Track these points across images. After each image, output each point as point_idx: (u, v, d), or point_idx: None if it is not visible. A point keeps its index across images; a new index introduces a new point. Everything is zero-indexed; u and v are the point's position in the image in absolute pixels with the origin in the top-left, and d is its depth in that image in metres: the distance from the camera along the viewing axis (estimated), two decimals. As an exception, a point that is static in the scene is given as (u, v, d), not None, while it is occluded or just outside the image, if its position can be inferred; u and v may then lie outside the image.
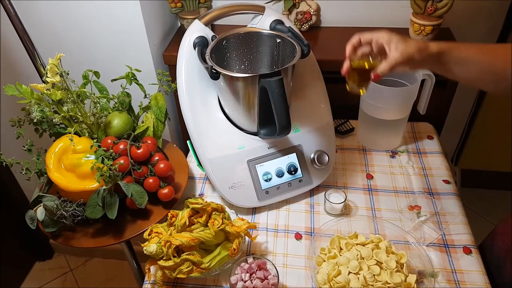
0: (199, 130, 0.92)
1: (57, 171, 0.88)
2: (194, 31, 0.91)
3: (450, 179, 1.03)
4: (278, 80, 0.79)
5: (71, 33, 1.21)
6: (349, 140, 1.16)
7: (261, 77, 0.80)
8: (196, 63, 0.89)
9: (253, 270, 0.78)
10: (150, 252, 0.77)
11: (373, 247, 0.80)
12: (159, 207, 0.93)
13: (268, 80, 0.79)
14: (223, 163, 0.93)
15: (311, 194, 1.01)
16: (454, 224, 0.91)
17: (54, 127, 0.94)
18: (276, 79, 0.79)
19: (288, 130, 0.85)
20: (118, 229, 0.89)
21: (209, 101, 0.94)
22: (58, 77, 0.87)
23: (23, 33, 0.93)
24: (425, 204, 0.95)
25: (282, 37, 0.91)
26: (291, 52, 0.88)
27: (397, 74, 1.05)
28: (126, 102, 1.01)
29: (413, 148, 1.13)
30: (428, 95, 1.06)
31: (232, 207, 0.96)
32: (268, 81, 0.79)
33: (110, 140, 0.92)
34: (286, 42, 0.90)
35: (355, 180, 1.04)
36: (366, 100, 1.05)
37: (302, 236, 0.91)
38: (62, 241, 0.88)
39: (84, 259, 1.92)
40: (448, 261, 0.84)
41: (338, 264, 0.79)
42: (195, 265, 0.78)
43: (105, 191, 0.84)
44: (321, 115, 0.99)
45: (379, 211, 0.96)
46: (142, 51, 1.22)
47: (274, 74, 0.79)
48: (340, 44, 1.28)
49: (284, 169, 0.95)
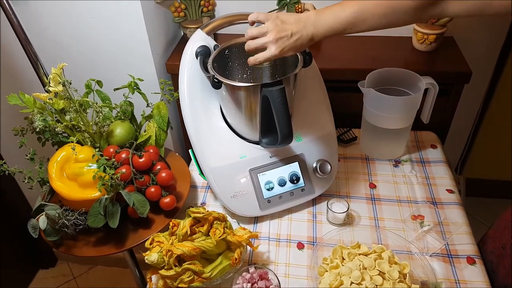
0: (201, 139, 0.92)
1: (59, 180, 0.88)
2: (196, 41, 0.92)
3: (453, 189, 1.02)
4: (280, 89, 0.79)
5: (74, 43, 1.22)
6: (352, 149, 1.16)
7: (263, 86, 0.80)
8: (198, 72, 0.90)
9: (254, 280, 0.78)
10: (152, 261, 0.76)
11: (376, 257, 0.80)
12: (160, 216, 0.93)
13: (270, 89, 0.79)
14: (225, 172, 0.92)
15: (313, 203, 1.00)
16: (458, 234, 0.90)
17: (57, 136, 0.94)
18: (278, 88, 0.79)
19: (290, 139, 0.85)
20: (120, 238, 0.89)
21: (211, 110, 0.94)
22: (60, 87, 0.88)
23: (26, 43, 0.94)
24: (428, 214, 0.95)
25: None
26: (293, 61, 0.88)
27: (399, 83, 1.05)
28: (129, 111, 1.01)
29: (417, 157, 1.12)
30: (431, 104, 1.06)
31: (234, 216, 0.96)
32: (270, 90, 0.79)
33: (112, 149, 0.92)
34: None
35: (358, 189, 1.03)
36: (369, 109, 1.05)
37: (304, 245, 0.91)
38: (64, 250, 0.88)
39: (87, 267, 1.91)
40: (452, 272, 0.83)
41: (340, 274, 0.78)
42: (196, 275, 0.77)
43: (107, 200, 0.84)
44: (324, 124, 0.99)
45: (382, 221, 0.95)
46: (145, 60, 1.23)
47: (276, 84, 0.79)
48: (343, 53, 1.28)
49: (286, 178, 0.95)
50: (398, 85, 1.06)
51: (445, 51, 1.25)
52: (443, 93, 1.09)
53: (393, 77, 1.05)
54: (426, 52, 1.25)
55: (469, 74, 1.16)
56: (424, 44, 1.24)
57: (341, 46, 1.30)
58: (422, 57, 1.24)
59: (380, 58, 1.25)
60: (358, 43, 1.31)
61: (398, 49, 1.29)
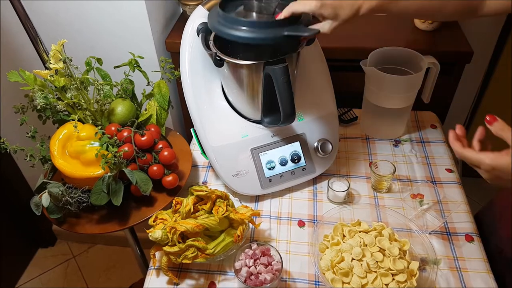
0: (202, 118, 0.92)
1: (61, 158, 0.88)
2: (197, 17, 0.90)
3: (453, 168, 1.03)
4: (283, 68, 0.78)
5: (74, 20, 1.20)
6: (352, 129, 1.16)
7: (266, 64, 0.80)
8: (199, 50, 0.89)
9: (257, 256, 0.79)
10: (156, 238, 0.77)
11: (376, 235, 0.81)
12: (163, 194, 0.94)
13: (273, 67, 0.78)
14: (227, 152, 0.93)
15: (314, 182, 1.01)
16: (457, 212, 0.92)
17: (58, 114, 0.94)
18: (281, 66, 0.78)
19: (292, 119, 0.85)
20: (123, 216, 0.89)
21: (212, 89, 0.94)
22: (61, 64, 0.87)
23: (25, 19, 0.92)
24: (427, 193, 0.96)
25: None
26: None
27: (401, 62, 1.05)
28: (130, 90, 1.00)
29: (417, 137, 1.13)
30: (432, 83, 1.06)
31: (236, 195, 0.96)
32: (273, 69, 0.78)
33: (114, 127, 0.92)
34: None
35: (358, 169, 1.04)
36: (371, 88, 1.04)
37: (305, 223, 0.92)
38: (67, 228, 0.88)
39: (86, 246, 1.93)
40: (450, 249, 0.85)
41: (341, 250, 0.79)
42: (200, 251, 0.78)
43: (110, 178, 0.84)
44: (325, 103, 0.99)
45: (382, 199, 0.96)
46: (144, 38, 1.21)
47: (279, 62, 0.79)
48: (345, 32, 1.27)
49: (288, 158, 0.96)
50: (400, 65, 1.05)
51: (447, 31, 1.25)
52: (444, 73, 1.09)
53: (395, 56, 1.04)
54: (428, 32, 1.25)
55: (471, 53, 1.16)
56: (426, 23, 1.23)
57: (343, 24, 1.29)
58: (424, 37, 1.24)
59: (382, 37, 1.25)
60: (361, 22, 1.28)
61: (401, 28, 1.28)
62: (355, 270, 0.76)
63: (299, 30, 0.75)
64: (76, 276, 1.82)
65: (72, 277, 1.82)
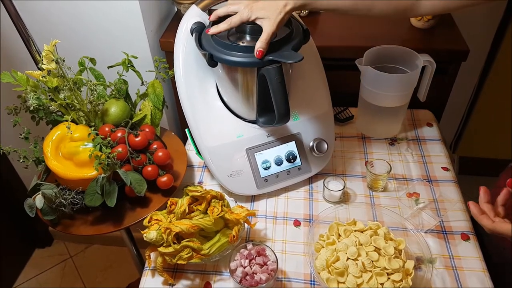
0: (197, 118, 0.92)
1: (55, 159, 0.88)
2: (191, 17, 0.90)
3: (449, 166, 1.03)
4: (277, 68, 0.78)
5: (67, 19, 1.19)
6: (348, 128, 1.16)
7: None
8: (193, 50, 0.88)
9: (252, 256, 0.79)
10: (150, 239, 0.77)
11: (372, 234, 0.81)
12: (158, 195, 0.93)
13: (267, 67, 0.78)
14: (222, 152, 0.92)
15: (309, 182, 1.01)
16: (453, 211, 0.92)
17: (51, 114, 0.93)
18: (275, 66, 0.78)
19: (287, 118, 0.85)
20: (118, 217, 0.89)
21: (207, 89, 0.93)
22: (54, 64, 0.86)
23: (17, 19, 0.91)
24: (423, 191, 0.96)
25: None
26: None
27: (397, 61, 1.04)
28: (123, 90, 1.00)
29: (413, 136, 1.13)
30: (428, 82, 1.05)
31: (231, 195, 0.96)
32: (267, 69, 0.78)
33: (107, 128, 0.91)
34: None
35: (353, 168, 1.04)
36: (366, 87, 1.04)
37: (301, 223, 0.92)
38: (61, 229, 0.88)
39: (83, 246, 1.93)
40: (446, 248, 0.85)
41: (336, 250, 0.79)
42: (195, 252, 0.78)
43: (104, 179, 0.83)
44: (321, 103, 0.98)
45: (377, 198, 0.96)
46: (138, 37, 1.20)
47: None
48: (340, 31, 1.27)
49: (283, 157, 0.95)
50: (395, 63, 1.05)
51: (443, 29, 1.24)
52: (440, 71, 1.09)
53: (390, 55, 1.04)
54: (424, 30, 1.24)
55: (467, 52, 1.15)
56: (422, 21, 1.22)
57: (338, 23, 1.28)
58: (419, 35, 1.23)
59: (377, 35, 1.24)
60: (355, 20, 1.29)
61: (396, 26, 1.27)
62: (350, 269, 0.76)
63: (283, 57, 0.78)
64: (73, 276, 1.81)
65: (69, 277, 1.81)
